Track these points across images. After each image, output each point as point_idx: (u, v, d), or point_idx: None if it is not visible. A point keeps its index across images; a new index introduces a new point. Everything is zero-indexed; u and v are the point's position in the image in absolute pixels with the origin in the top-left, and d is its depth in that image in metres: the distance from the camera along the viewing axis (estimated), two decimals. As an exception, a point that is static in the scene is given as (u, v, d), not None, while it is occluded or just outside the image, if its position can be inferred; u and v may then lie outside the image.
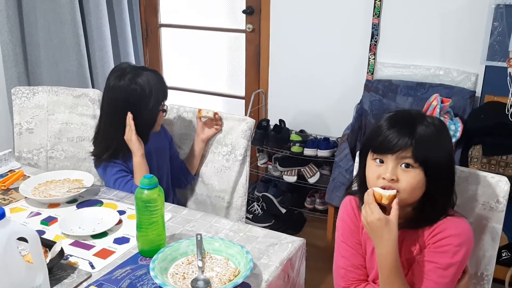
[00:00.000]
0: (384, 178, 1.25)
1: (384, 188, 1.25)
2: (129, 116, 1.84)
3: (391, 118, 1.29)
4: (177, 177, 2.12)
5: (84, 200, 1.76)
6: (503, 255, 2.42)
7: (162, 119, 1.98)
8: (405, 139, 1.22)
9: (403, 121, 1.27)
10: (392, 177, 1.24)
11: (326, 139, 3.08)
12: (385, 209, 1.25)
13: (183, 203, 2.15)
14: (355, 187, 1.45)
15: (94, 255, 1.42)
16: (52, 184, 1.84)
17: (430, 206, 1.28)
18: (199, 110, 2.02)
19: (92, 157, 1.99)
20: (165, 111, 1.99)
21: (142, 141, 1.89)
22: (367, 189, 1.30)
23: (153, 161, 1.98)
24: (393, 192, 1.23)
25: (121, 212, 1.66)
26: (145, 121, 1.89)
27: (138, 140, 1.86)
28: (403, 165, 1.24)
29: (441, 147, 1.27)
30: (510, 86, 2.44)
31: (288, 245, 1.47)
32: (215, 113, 2.00)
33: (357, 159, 1.67)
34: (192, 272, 1.32)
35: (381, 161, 1.27)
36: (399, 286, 1.25)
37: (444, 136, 1.30)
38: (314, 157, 3.04)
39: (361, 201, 1.33)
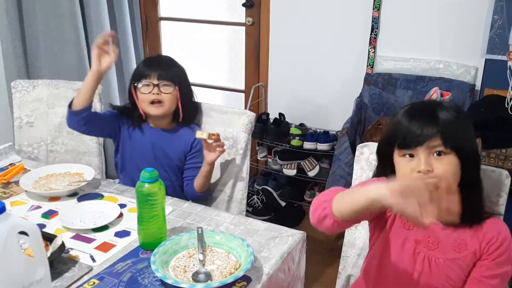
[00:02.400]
0: (419, 171, 1.19)
1: None
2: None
3: (409, 111, 1.25)
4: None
5: (85, 194, 1.76)
6: (502, 248, 2.42)
7: (144, 96, 1.91)
8: (430, 127, 1.19)
9: (422, 110, 1.24)
10: (428, 168, 1.19)
11: (326, 133, 3.08)
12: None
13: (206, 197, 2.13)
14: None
15: (95, 248, 1.42)
16: (53, 177, 1.84)
17: (467, 199, 1.20)
18: (196, 132, 1.85)
19: None
20: (136, 87, 1.94)
21: (130, 117, 1.98)
22: None
23: (148, 155, 1.99)
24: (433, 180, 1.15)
25: (122, 206, 1.66)
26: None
27: (96, 59, 1.82)
28: (435, 154, 1.20)
29: (466, 130, 1.24)
30: (510, 80, 2.44)
31: (288, 238, 1.48)
32: (211, 135, 1.82)
33: (358, 151, 1.68)
34: (193, 265, 1.32)
35: (411, 155, 1.23)
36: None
37: (465, 118, 1.26)
38: (314, 151, 3.04)
39: None
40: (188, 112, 2.02)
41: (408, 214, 1.01)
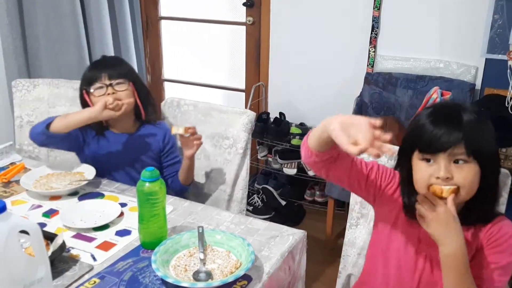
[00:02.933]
0: (438, 178, 1.18)
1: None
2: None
3: (433, 113, 1.21)
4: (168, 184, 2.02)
5: (86, 193, 1.76)
6: (503, 247, 2.42)
7: (100, 99, 1.81)
8: (455, 134, 1.15)
9: (447, 114, 1.20)
10: (447, 175, 1.17)
11: (326, 132, 3.07)
12: None
13: (184, 195, 2.15)
14: None
15: (96, 247, 1.42)
16: (54, 176, 1.85)
17: (481, 202, 1.23)
18: (171, 127, 1.82)
19: None
20: (88, 91, 1.86)
21: (91, 126, 1.90)
22: (414, 190, 1.26)
23: (121, 163, 1.95)
24: (454, 186, 1.18)
25: (123, 205, 1.66)
26: None
27: (100, 110, 1.77)
28: (456, 162, 1.18)
29: (488, 133, 1.21)
30: (510, 79, 2.44)
31: (289, 237, 1.48)
32: (187, 129, 1.78)
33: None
34: (194, 264, 1.32)
35: (429, 160, 1.21)
36: (471, 285, 1.19)
37: (486, 122, 1.22)
38: (314, 150, 3.03)
39: (408, 204, 1.29)
40: (148, 108, 1.96)
41: (340, 141, 1.07)
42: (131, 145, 1.95)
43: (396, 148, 1.28)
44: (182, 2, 3.82)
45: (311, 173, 3.06)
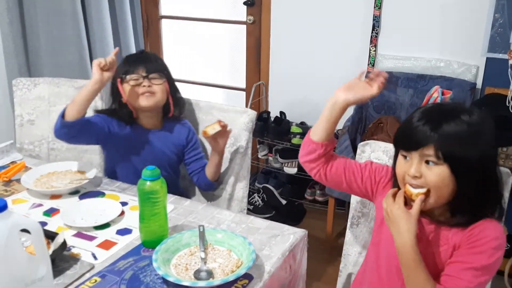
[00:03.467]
0: (408, 175, 1.23)
1: (411, 185, 1.24)
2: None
3: (422, 112, 1.25)
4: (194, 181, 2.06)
5: (86, 192, 1.76)
6: (503, 246, 2.42)
7: (132, 94, 1.87)
8: (426, 135, 1.19)
9: (430, 116, 1.22)
10: (415, 174, 1.22)
11: (327, 131, 3.07)
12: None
13: (185, 194, 2.15)
14: None
15: (97, 246, 1.42)
16: (54, 175, 1.85)
17: (463, 206, 1.24)
18: (204, 132, 1.84)
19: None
20: (123, 80, 1.89)
21: (120, 118, 1.93)
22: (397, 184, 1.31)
23: (147, 158, 1.95)
24: (423, 190, 1.22)
25: (124, 204, 1.66)
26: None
27: (97, 69, 1.76)
28: (427, 162, 1.21)
29: (470, 144, 1.19)
30: (511, 78, 2.44)
31: (290, 236, 1.48)
32: (219, 122, 1.84)
33: (359, 150, 1.68)
34: (195, 263, 1.32)
35: (406, 157, 1.25)
36: (422, 280, 1.22)
37: (478, 133, 1.20)
38: (315, 149, 3.03)
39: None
40: (177, 105, 2.00)
41: (358, 97, 1.37)
42: (157, 140, 1.97)
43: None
44: (183, 1, 3.83)
45: (311, 172, 3.06)
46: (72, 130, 1.78)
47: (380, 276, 1.41)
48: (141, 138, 1.95)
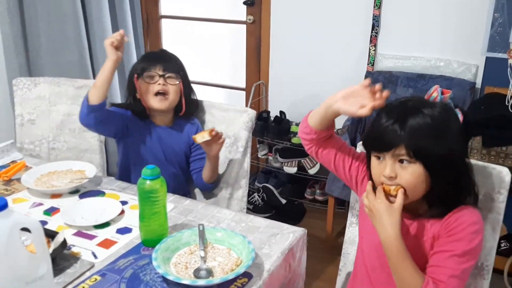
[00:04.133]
0: (384, 175, 1.26)
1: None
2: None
3: (386, 112, 1.27)
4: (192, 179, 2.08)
5: (87, 191, 1.76)
6: (502, 245, 2.43)
7: (147, 91, 1.91)
8: (396, 135, 1.21)
9: (395, 115, 1.24)
10: (391, 175, 1.24)
11: (327, 131, 3.07)
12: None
13: (190, 193, 2.14)
14: None
15: (97, 245, 1.42)
16: (55, 174, 1.85)
17: (439, 198, 1.28)
18: (194, 138, 1.83)
19: None
20: (140, 76, 1.93)
21: (137, 107, 1.95)
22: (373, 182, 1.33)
23: (158, 154, 1.98)
24: (399, 185, 1.25)
25: (124, 203, 1.66)
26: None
27: (112, 49, 1.82)
28: (400, 162, 1.24)
29: (439, 138, 1.23)
30: (511, 78, 2.44)
31: (289, 235, 1.48)
32: (211, 131, 1.79)
33: (358, 149, 1.68)
34: (195, 261, 1.32)
35: (379, 157, 1.28)
36: (410, 272, 1.23)
37: (444, 125, 1.24)
38: (315, 149, 3.04)
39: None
40: (190, 106, 2.02)
41: (349, 112, 1.29)
42: (168, 137, 2.00)
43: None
44: (183, 0, 3.83)
45: (311, 171, 3.06)
46: (100, 114, 1.81)
47: (366, 269, 1.44)
48: (152, 134, 1.98)
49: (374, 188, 1.32)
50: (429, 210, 1.30)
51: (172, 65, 1.96)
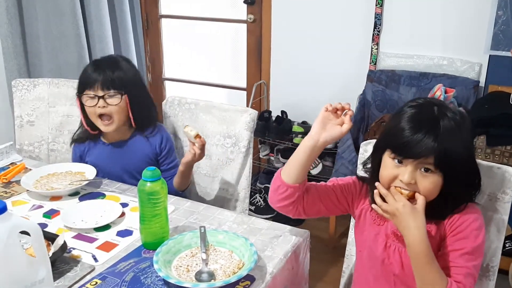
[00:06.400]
0: (401, 180, 1.23)
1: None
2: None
3: (415, 118, 1.23)
4: None
5: (87, 193, 1.75)
6: (507, 245, 2.41)
7: (91, 110, 1.83)
8: (429, 146, 1.18)
9: (427, 124, 1.21)
10: (411, 181, 1.22)
11: (329, 130, 3.06)
12: None
13: (186, 195, 2.13)
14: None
15: (97, 248, 1.41)
16: (54, 176, 1.83)
17: (447, 201, 1.27)
18: (186, 126, 1.76)
19: None
20: (80, 96, 1.85)
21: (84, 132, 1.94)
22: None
23: (119, 172, 1.92)
24: (412, 192, 1.24)
25: (124, 205, 1.65)
26: None
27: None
28: (422, 169, 1.22)
29: (461, 147, 1.23)
30: (515, 76, 2.43)
31: (292, 237, 1.47)
32: (199, 136, 1.72)
33: (361, 149, 1.66)
34: (196, 264, 1.31)
35: (400, 162, 1.24)
36: (436, 275, 1.22)
37: (464, 132, 1.23)
38: (317, 149, 3.02)
39: (371, 190, 1.33)
40: (142, 118, 1.91)
41: (336, 135, 1.29)
42: (124, 152, 1.92)
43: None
44: (183, 0, 3.81)
45: (313, 172, 3.05)
46: None
47: (367, 281, 1.43)
48: (105, 153, 1.93)
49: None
50: (434, 212, 1.28)
51: (113, 80, 1.81)
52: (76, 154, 1.99)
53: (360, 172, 1.51)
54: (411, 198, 1.24)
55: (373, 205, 1.29)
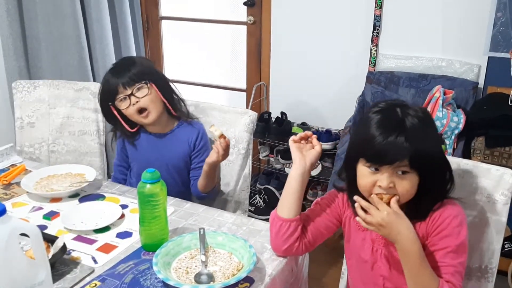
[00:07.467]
0: (380, 186, 1.24)
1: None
2: None
3: (382, 124, 1.23)
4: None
5: (86, 195, 1.75)
6: (506, 246, 2.42)
7: (128, 111, 1.85)
8: (402, 148, 1.19)
9: (395, 126, 1.21)
10: (390, 185, 1.23)
11: (328, 132, 3.07)
12: None
13: (211, 197, 2.10)
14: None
15: (97, 249, 1.41)
16: (54, 178, 1.84)
17: (425, 199, 1.29)
18: (212, 126, 1.75)
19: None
20: (113, 104, 1.87)
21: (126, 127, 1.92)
22: (358, 192, 1.30)
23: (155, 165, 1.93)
24: (392, 194, 1.25)
25: (124, 206, 1.65)
26: None
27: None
28: (400, 172, 1.23)
29: (430, 141, 1.25)
30: (513, 77, 2.43)
31: (291, 238, 1.46)
32: (223, 136, 1.74)
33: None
34: (195, 266, 1.31)
35: (376, 169, 1.25)
36: (428, 275, 1.23)
37: (429, 126, 1.28)
38: (316, 150, 3.02)
39: (351, 199, 1.34)
40: (174, 104, 1.94)
41: (314, 157, 1.40)
42: (163, 146, 1.94)
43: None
44: (183, 2, 3.81)
45: (313, 173, 3.05)
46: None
47: (357, 286, 1.46)
48: (148, 146, 1.94)
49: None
50: (415, 212, 1.29)
51: (133, 74, 1.83)
52: (120, 147, 2.03)
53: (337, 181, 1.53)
54: (388, 204, 1.24)
55: (357, 218, 1.29)
